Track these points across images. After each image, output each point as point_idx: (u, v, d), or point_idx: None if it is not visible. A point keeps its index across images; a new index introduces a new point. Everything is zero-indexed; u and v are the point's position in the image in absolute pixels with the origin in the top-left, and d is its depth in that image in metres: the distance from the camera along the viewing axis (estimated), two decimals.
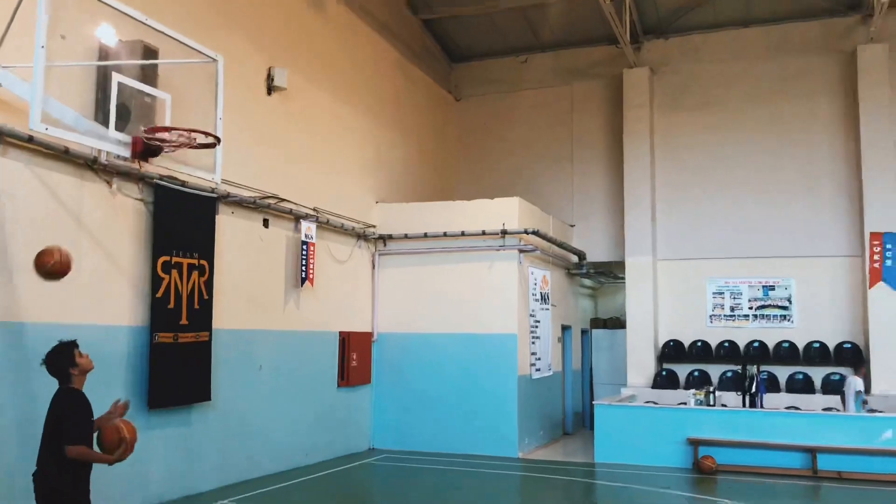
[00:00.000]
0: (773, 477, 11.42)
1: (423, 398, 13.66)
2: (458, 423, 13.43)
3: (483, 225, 13.59)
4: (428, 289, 13.87)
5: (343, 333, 13.05)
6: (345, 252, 13.27)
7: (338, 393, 12.89)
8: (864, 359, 14.53)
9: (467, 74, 18.51)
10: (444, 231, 13.76)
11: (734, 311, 16.11)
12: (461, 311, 13.64)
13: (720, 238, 16.06)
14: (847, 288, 15.27)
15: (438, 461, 12.47)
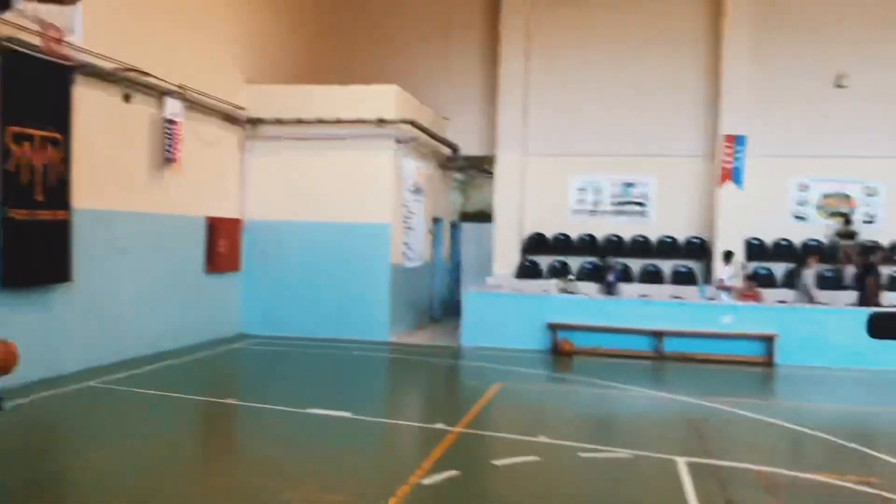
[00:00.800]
0: (625, 358, 12.35)
1: (295, 285, 13.64)
2: (331, 309, 13.56)
3: (359, 112, 13.38)
4: (301, 176, 13.64)
5: (211, 219, 12.70)
6: (212, 134, 12.74)
7: (205, 279, 12.64)
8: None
9: None
10: (318, 117, 13.44)
11: (596, 206, 16.88)
12: (335, 199, 13.55)
13: (586, 136, 16.59)
14: (699, 186, 16.30)
15: (311, 345, 12.62)
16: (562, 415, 8.82)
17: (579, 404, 9.46)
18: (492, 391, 9.36)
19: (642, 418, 8.71)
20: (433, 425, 7.50)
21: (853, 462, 6.82)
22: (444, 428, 7.35)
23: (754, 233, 16.04)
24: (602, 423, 8.44)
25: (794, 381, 11.21)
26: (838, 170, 15.91)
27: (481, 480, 6.01)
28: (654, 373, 11.63)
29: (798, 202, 16.23)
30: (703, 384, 10.53)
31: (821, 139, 15.78)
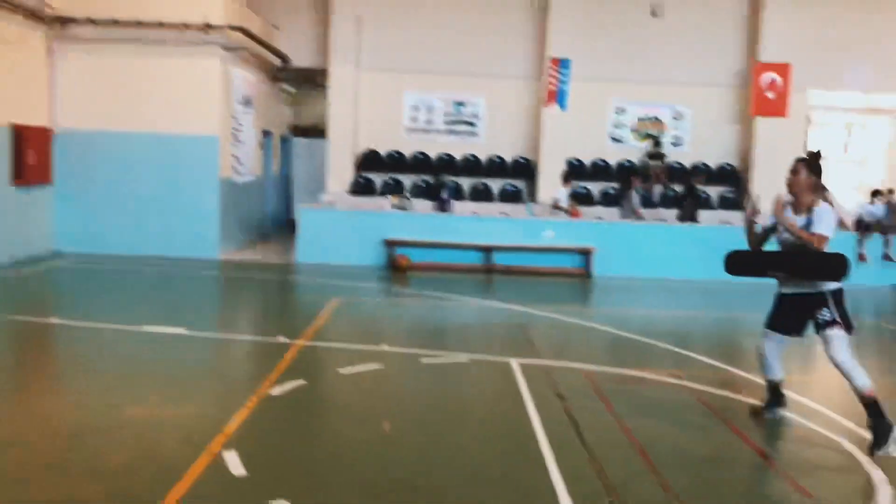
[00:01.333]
0: (458, 272, 12.83)
1: (115, 200, 12.87)
2: (156, 226, 12.96)
3: (183, 15, 12.55)
4: (119, 83, 12.70)
5: (17, 127, 11.60)
6: (13, 33, 11.51)
7: (12, 192, 11.62)
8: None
9: None
10: (137, 19, 12.47)
11: (429, 124, 17.05)
12: (158, 108, 12.78)
13: (420, 53, 16.56)
14: (526, 107, 16.86)
15: (136, 263, 12.03)
16: (401, 325, 9.11)
17: (417, 315, 9.79)
18: (331, 305, 9.45)
19: (477, 326, 9.18)
20: (274, 339, 7.51)
21: (663, 359, 7.61)
22: (286, 341, 7.38)
23: (575, 153, 16.92)
24: (440, 332, 8.81)
25: (609, 291, 12.18)
26: (651, 95, 17.00)
27: (328, 388, 6.16)
28: (485, 285, 12.20)
29: (615, 125, 17.24)
30: (530, 294, 11.18)
31: (637, 65, 16.73)
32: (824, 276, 5.09)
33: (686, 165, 16.94)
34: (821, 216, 5.13)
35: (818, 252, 5.04)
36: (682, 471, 4.65)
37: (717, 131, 17.00)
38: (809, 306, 5.16)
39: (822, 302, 5.10)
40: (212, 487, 4.09)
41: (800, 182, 5.22)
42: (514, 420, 5.41)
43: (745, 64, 16.51)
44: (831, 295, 5.11)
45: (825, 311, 5.08)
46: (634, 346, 8.19)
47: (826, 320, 5.07)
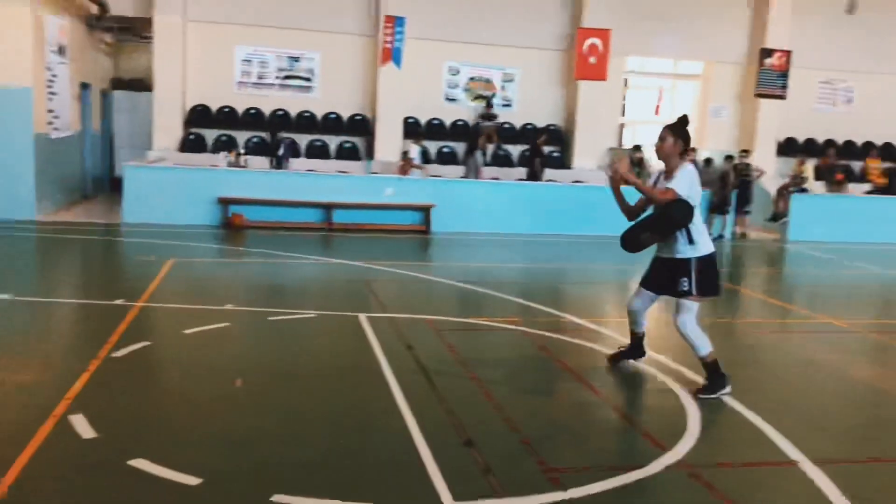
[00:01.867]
0: (297, 230, 12.75)
1: None
2: None
3: None
4: None
5: None
6: None
7: None
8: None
9: None
10: None
11: (261, 79, 16.61)
12: None
13: (253, 5, 16.05)
14: (362, 64, 16.82)
15: None
16: (245, 284, 9.00)
17: (260, 274, 9.68)
18: (168, 266, 9.14)
19: (321, 283, 9.24)
20: (112, 302, 7.21)
21: (502, 307, 8.05)
22: (124, 304, 7.11)
23: (412, 112, 17.14)
24: (284, 290, 8.79)
25: (448, 246, 12.57)
26: (483, 56, 17.47)
27: (174, 348, 6.04)
28: (326, 242, 12.21)
29: (450, 85, 17.61)
30: (371, 251, 11.33)
31: (470, 26, 17.11)
32: (673, 222, 5.14)
33: (516, 126, 17.65)
34: (678, 177, 5.17)
35: (664, 204, 5.13)
36: (522, 408, 5.04)
37: (544, 93, 17.80)
38: (675, 271, 5.28)
39: (685, 269, 5.23)
40: (61, 452, 3.97)
41: (666, 148, 5.23)
42: (366, 370, 5.59)
43: (571, 29, 17.33)
44: (696, 262, 5.22)
45: (685, 280, 5.22)
46: (474, 296, 8.58)
47: (683, 290, 5.24)
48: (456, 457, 4.17)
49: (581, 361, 6.16)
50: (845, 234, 14.59)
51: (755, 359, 6.63)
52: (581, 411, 5.13)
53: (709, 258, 5.28)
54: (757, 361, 6.53)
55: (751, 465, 4.36)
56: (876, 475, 4.33)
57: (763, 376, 6.08)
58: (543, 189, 14.87)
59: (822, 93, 18.82)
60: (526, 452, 4.29)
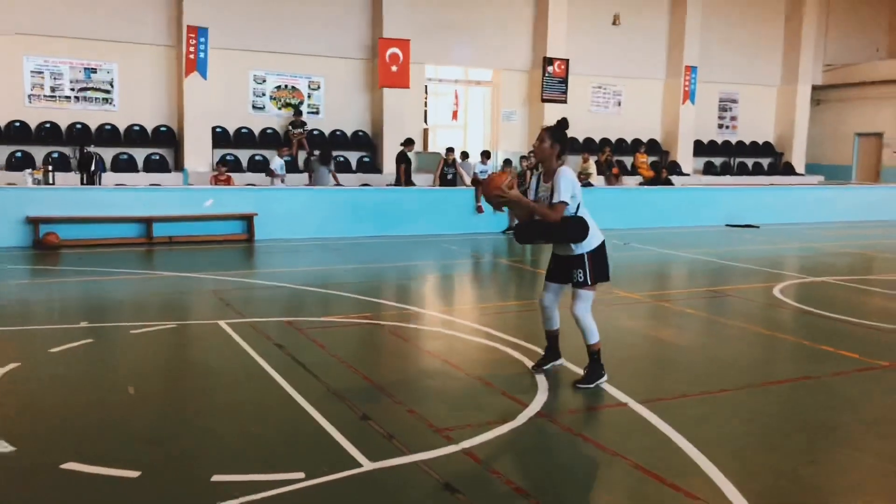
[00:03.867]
0: (118, 246, 12.49)
1: None
2: None
3: None
4: None
5: None
6: None
7: None
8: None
9: None
10: None
11: (55, 92, 15.87)
12: None
13: (42, 12, 15.33)
14: (165, 75, 16.58)
15: None
16: (86, 302, 8.87)
17: (99, 291, 9.52)
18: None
19: (164, 296, 9.29)
20: None
21: (349, 304, 8.66)
22: None
23: (219, 122, 17.14)
24: (130, 304, 8.76)
25: (275, 252, 12.86)
26: (289, 65, 17.86)
27: (48, 365, 6.06)
28: (151, 257, 12.09)
29: (256, 94, 17.80)
30: (200, 262, 11.42)
31: (274, 36, 17.43)
32: (568, 239, 5.56)
33: (325, 132, 18.21)
34: (558, 183, 5.41)
35: (561, 221, 5.46)
36: (399, 385, 5.74)
37: (350, 100, 18.52)
38: (570, 265, 5.68)
39: (579, 263, 5.60)
40: None
41: (544, 150, 5.47)
42: (249, 369, 6.01)
43: (372, 39, 18.17)
44: (588, 256, 5.61)
45: (580, 272, 5.61)
46: (320, 297, 9.13)
47: (579, 280, 5.62)
48: (359, 429, 4.80)
49: (434, 344, 6.96)
50: (626, 222, 16.64)
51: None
52: (450, 382, 5.91)
53: (599, 248, 5.64)
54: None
55: (593, 409, 5.38)
56: (685, 407, 5.50)
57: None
58: (359, 193, 15.56)
59: (596, 97, 21.15)
60: (415, 419, 5.01)
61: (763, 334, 7.64)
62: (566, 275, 5.71)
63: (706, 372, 6.37)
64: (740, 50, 22.75)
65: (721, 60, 22.31)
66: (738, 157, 23.11)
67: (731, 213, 17.75)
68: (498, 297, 10.03)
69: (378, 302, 8.77)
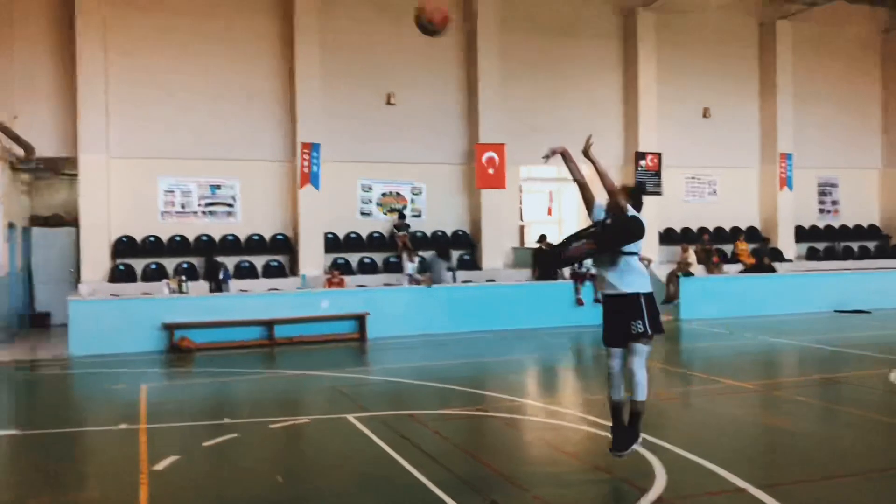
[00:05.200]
0: (244, 348, 13.41)
1: None
2: None
3: None
4: None
5: None
6: None
7: None
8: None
9: None
10: None
11: (184, 208, 17.39)
12: None
13: (173, 139, 16.97)
14: (281, 188, 17.92)
15: None
16: (225, 400, 9.66)
17: (234, 390, 10.31)
18: (144, 391, 9.71)
19: (294, 392, 10.00)
20: (117, 427, 7.80)
21: (462, 397, 9.11)
22: (129, 427, 7.72)
23: (330, 228, 18.28)
24: (267, 401, 9.46)
25: (387, 349, 13.50)
26: (392, 173, 18.99)
27: (204, 459, 6.74)
28: (275, 357, 12.92)
29: (363, 201, 18.95)
30: (320, 360, 12.17)
31: (379, 146, 18.65)
32: (623, 237, 5.53)
33: (427, 233, 19.10)
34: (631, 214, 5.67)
35: (615, 222, 5.59)
36: (518, 472, 6.10)
37: (450, 202, 19.40)
38: (626, 313, 5.60)
39: (636, 308, 5.56)
40: None
41: (619, 204, 5.68)
42: (381, 460, 6.51)
43: (469, 145, 19.18)
44: (644, 299, 5.59)
45: (638, 322, 5.57)
46: (434, 390, 9.63)
47: (637, 332, 5.57)
48: None
49: (548, 434, 7.30)
50: (730, 310, 16.59)
51: (692, 419, 7.98)
52: (569, 469, 6.23)
53: (651, 295, 5.68)
54: (694, 421, 7.88)
55: (712, 494, 5.60)
56: (806, 492, 5.63)
57: (703, 430, 7.41)
58: (461, 290, 16.20)
59: (691, 187, 21.41)
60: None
61: (880, 421, 7.63)
62: (624, 330, 5.64)
63: (823, 458, 6.46)
64: (837, 134, 22.71)
65: (817, 145, 22.30)
66: (841, 241, 22.70)
67: (838, 298, 17.44)
68: (601, 387, 10.26)
69: (488, 394, 9.20)
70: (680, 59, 20.81)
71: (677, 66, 20.76)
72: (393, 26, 18.44)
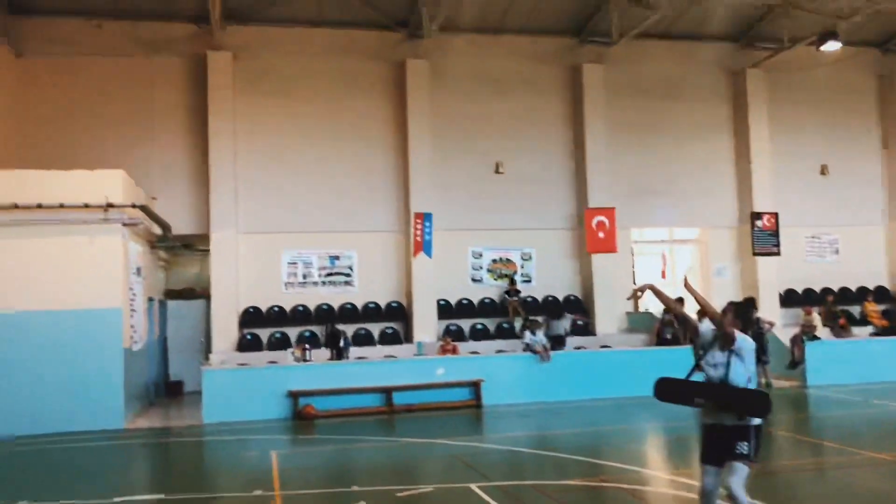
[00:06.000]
0: (363, 415, 13.78)
1: (16, 379, 12.76)
2: (59, 401, 12.89)
3: (85, 197, 13.19)
4: (20, 263, 12.93)
5: None
6: None
7: None
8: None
9: (31, 30, 17.01)
10: (38, 202, 12.97)
11: (305, 279, 18.22)
12: (59, 286, 13.07)
13: (295, 214, 17.94)
14: (395, 257, 18.53)
15: (47, 442, 11.96)
16: (352, 467, 9.97)
17: (358, 457, 10.62)
18: (275, 457, 10.16)
19: (416, 460, 10.23)
20: (252, 493, 8.21)
21: (583, 468, 9.08)
22: (265, 494, 8.11)
23: (442, 295, 18.67)
24: (390, 468, 9.72)
25: (504, 417, 13.58)
26: (502, 240, 19.30)
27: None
28: (394, 424, 13.23)
29: (474, 267, 19.31)
30: (439, 427, 12.36)
31: (488, 214, 19.05)
32: (745, 411, 5.38)
33: (538, 298, 19.19)
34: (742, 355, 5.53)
35: (742, 389, 5.46)
36: None
37: (560, 267, 19.49)
38: (733, 435, 5.44)
39: (744, 434, 5.41)
40: None
41: (727, 323, 5.55)
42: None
43: (578, 209, 19.31)
44: (755, 429, 5.44)
45: (745, 444, 5.39)
46: (555, 460, 9.63)
47: (742, 453, 5.38)
48: None
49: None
50: (860, 375, 15.79)
51: (828, 492, 7.67)
52: None
53: (762, 426, 5.54)
54: (831, 494, 7.57)
55: None
56: None
57: None
58: (577, 357, 16.14)
59: (811, 246, 20.69)
60: None
61: None
62: (725, 449, 5.43)
63: None
64: None
65: None
66: None
67: None
68: None
69: (610, 464, 9.12)
70: (793, 117, 20.44)
71: (791, 124, 20.39)
72: (498, 98, 19.08)
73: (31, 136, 16.66)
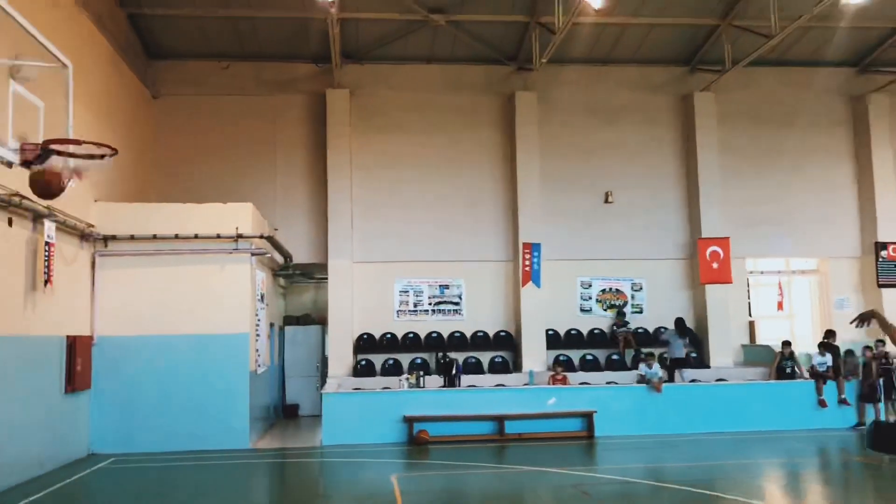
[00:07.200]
0: (475, 442, 13.98)
1: (149, 399, 13.63)
2: (188, 422, 13.66)
3: (218, 228, 14.05)
4: (157, 290, 13.86)
5: (70, 337, 12.54)
6: (70, 252, 12.74)
7: (63, 399, 12.35)
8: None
9: (165, 73, 18.35)
10: (175, 233, 13.91)
11: (416, 307, 18.66)
12: (191, 311, 13.91)
13: (406, 244, 18.48)
14: (503, 287, 18.75)
15: (178, 460, 12.71)
16: (472, 492, 10.17)
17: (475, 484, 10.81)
18: (395, 480, 10.47)
19: (534, 489, 10.31)
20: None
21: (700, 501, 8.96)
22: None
23: (550, 325, 18.71)
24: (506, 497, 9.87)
25: (617, 448, 13.47)
26: (612, 270, 19.21)
27: None
28: (507, 452, 13.34)
29: (583, 297, 19.27)
30: (552, 457, 12.37)
31: (597, 244, 19.03)
32: None
33: (649, 329, 18.95)
34: None
35: None
36: None
37: (672, 298, 19.19)
38: None
39: None
40: None
41: None
42: None
43: (690, 239, 19.04)
44: None
45: None
46: (676, 494, 9.53)
47: None
48: None
49: None
50: None
51: None
52: None
53: None
54: None
55: None
56: None
57: None
58: (693, 389, 15.84)
59: None
60: None
61: None
62: None
63: None
64: None
65: None
66: None
67: None
68: (859, 498, 9.63)
69: (733, 499, 8.96)
70: None
71: None
72: (607, 127, 19.15)
73: (166, 170, 17.92)
